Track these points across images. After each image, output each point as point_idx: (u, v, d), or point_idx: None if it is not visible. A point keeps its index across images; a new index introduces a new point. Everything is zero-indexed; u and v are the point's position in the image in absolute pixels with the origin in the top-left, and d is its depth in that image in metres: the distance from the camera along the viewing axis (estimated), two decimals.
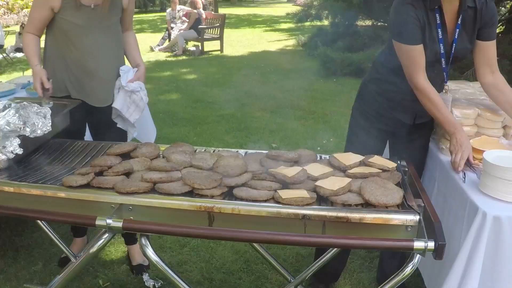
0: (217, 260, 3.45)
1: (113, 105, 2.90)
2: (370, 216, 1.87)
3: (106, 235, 1.99)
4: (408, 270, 1.90)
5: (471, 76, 6.84)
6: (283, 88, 8.69)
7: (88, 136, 3.15)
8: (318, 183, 2.02)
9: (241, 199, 1.94)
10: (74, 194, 2.01)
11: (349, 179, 2.04)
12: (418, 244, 1.76)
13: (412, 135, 2.78)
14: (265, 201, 1.94)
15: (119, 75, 2.90)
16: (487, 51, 2.50)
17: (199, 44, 12.22)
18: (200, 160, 2.24)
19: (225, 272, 3.32)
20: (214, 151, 2.51)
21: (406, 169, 2.32)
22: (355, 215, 1.87)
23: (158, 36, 14.26)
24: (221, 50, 12.44)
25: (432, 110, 2.46)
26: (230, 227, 1.90)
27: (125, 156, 2.40)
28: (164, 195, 1.97)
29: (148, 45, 12.94)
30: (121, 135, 3.05)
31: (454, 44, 2.47)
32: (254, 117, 6.98)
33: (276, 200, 1.94)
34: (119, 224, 1.85)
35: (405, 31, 2.39)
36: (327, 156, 2.43)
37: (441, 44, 2.44)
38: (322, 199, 1.98)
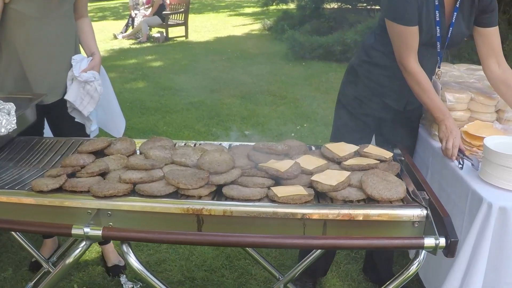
0: (197, 257, 3.25)
1: (65, 97, 2.64)
2: (375, 213, 1.71)
3: (84, 243, 1.76)
4: (414, 268, 1.76)
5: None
6: (252, 73, 8.48)
7: (47, 133, 2.88)
8: (314, 177, 1.84)
9: (232, 199, 1.75)
10: (46, 200, 1.77)
11: (347, 173, 1.87)
12: (429, 242, 1.61)
13: (401, 121, 2.64)
14: (259, 200, 1.75)
15: (71, 65, 2.65)
16: (490, 39, 2.36)
17: (164, 30, 11.82)
18: (183, 156, 2.02)
19: (206, 269, 3.13)
20: (195, 145, 2.30)
21: (402, 158, 2.17)
22: (358, 212, 1.71)
23: (121, 23, 13.73)
24: (186, 36, 12.07)
25: (421, 95, 2.33)
26: (222, 231, 1.71)
27: (99, 153, 2.16)
28: (146, 197, 1.75)
29: (111, 33, 12.42)
30: (83, 130, 2.81)
31: (451, 28, 2.32)
32: (224, 104, 6.75)
33: (271, 198, 1.75)
34: (98, 232, 1.62)
35: (402, 10, 2.23)
36: (313, 147, 2.26)
37: (437, 27, 2.29)
38: (320, 195, 1.81)
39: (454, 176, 2.20)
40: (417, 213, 1.72)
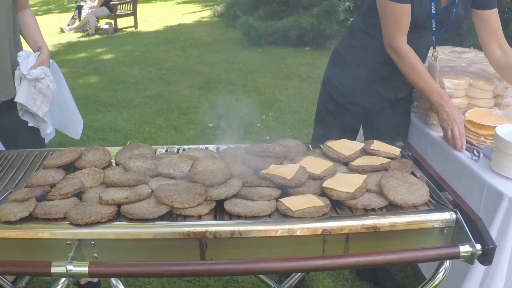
0: None
1: (16, 99, 2.27)
2: (401, 221, 1.50)
3: (64, 279, 1.45)
4: (440, 277, 1.59)
5: None
6: (207, 62, 8.12)
7: None
8: (327, 184, 1.60)
9: (238, 216, 1.48)
10: (14, 232, 1.45)
11: (363, 176, 1.65)
12: (464, 250, 1.43)
13: (391, 111, 2.45)
14: (269, 215, 1.49)
15: (18, 63, 2.27)
16: (490, 21, 2.17)
17: (112, 21, 11.16)
18: (170, 166, 1.73)
19: (189, 279, 2.85)
20: (178, 151, 2.00)
21: (410, 153, 1.97)
22: (384, 222, 1.49)
23: (67, 16, 12.86)
24: (136, 26, 11.48)
25: (415, 79, 2.13)
26: (228, 255, 1.45)
27: (69, 167, 1.83)
28: (135, 221, 1.46)
29: (58, 27, 11.58)
30: (36, 134, 2.44)
31: (451, 9, 2.13)
32: (183, 96, 6.40)
33: (282, 213, 1.50)
34: (83, 269, 1.32)
35: None
36: (308, 145, 2.03)
37: (432, 3, 2.09)
38: (336, 205, 1.58)
39: (462, 169, 2.03)
40: (446, 217, 1.52)
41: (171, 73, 7.45)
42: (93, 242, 1.42)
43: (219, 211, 1.53)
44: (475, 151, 2.00)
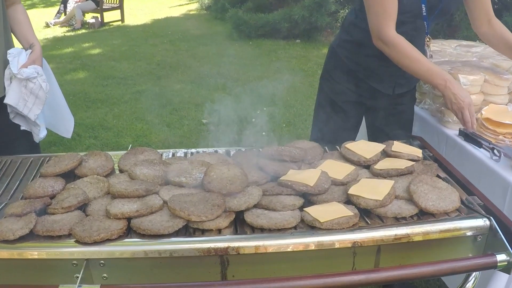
0: None
1: (5, 101, 2.09)
2: (435, 230, 1.39)
3: None
4: (470, 286, 1.48)
5: None
6: (197, 55, 7.94)
7: None
8: (353, 191, 1.48)
9: (262, 229, 1.35)
10: (14, 251, 1.29)
11: (390, 182, 1.52)
12: (502, 258, 1.32)
13: (393, 108, 2.32)
14: (294, 227, 1.37)
15: (8, 62, 2.10)
16: (481, 1, 2.11)
17: (98, 15, 10.87)
18: (180, 173, 1.59)
19: None
20: (186, 155, 1.86)
21: (430, 154, 1.86)
22: (418, 231, 1.37)
23: (53, 10, 12.49)
24: (122, 20, 11.20)
25: (411, 66, 1.99)
26: (252, 272, 1.32)
27: (68, 175, 1.67)
28: (148, 237, 1.31)
29: (43, 21, 11.23)
30: (28, 137, 2.27)
31: None
32: (175, 91, 6.22)
33: (309, 224, 1.37)
34: None
35: None
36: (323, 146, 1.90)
37: None
38: (364, 213, 1.46)
39: (482, 169, 1.92)
40: (479, 224, 1.42)
41: (161, 67, 7.26)
42: (102, 261, 1.28)
43: (238, 223, 1.40)
44: (495, 151, 1.89)
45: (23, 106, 2.11)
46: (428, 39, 2.17)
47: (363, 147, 1.77)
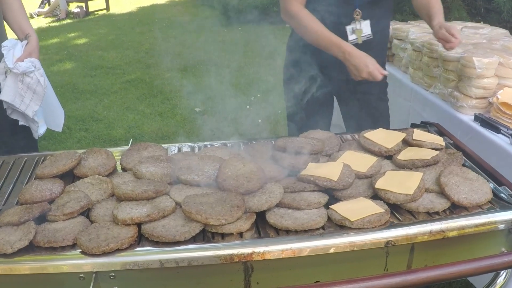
0: None
1: (0, 98, 1.93)
2: (471, 224, 1.28)
3: None
4: (501, 280, 1.38)
5: None
6: (186, 43, 7.70)
7: None
8: (380, 185, 1.36)
9: (287, 231, 1.22)
10: (14, 266, 1.15)
11: (419, 174, 1.40)
12: None
13: (365, 93, 2.14)
14: (322, 227, 1.24)
15: (1, 55, 1.93)
16: None
17: (83, 4, 10.51)
18: (191, 171, 1.44)
19: None
20: (193, 149, 1.72)
21: (451, 141, 1.74)
22: (453, 227, 1.27)
23: (36, 0, 12.08)
24: (107, 8, 10.86)
25: (310, 37, 1.93)
26: (278, 278, 1.20)
27: (66, 175, 1.53)
28: (162, 245, 1.18)
29: (27, 12, 10.86)
30: (31, 138, 2.12)
31: None
32: (165, 79, 6.02)
33: (338, 223, 1.25)
34: None
35: None
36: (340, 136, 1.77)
37: None
38: (393, 209, 1.34)
39: (501, 155, 1.83)
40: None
41: (150, 56, 7.04)
42: (112, 274, 1.15)
43: (262, 226, 1.27)
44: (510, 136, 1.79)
45: (20, 102, 1.95)
46: (357, 13, 1.99)
47: (383, 136, 1.65)
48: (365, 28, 1.97)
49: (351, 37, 1.97)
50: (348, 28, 1.96)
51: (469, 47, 2.22)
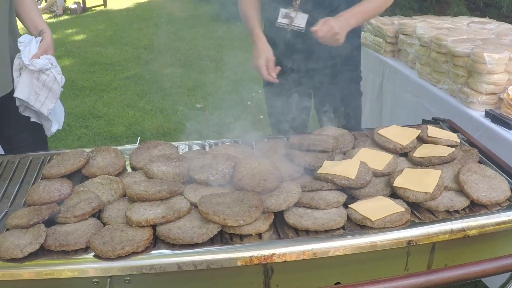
0: None
1: (15, 95, 1.88)
2: (491, 222, 1.25)
3: None
4: None
5: None
6: (185, 38, 7.64)
7: None
8: (398, 183, 1.32)
9: (307, 231, 1.18)
10: (24, 271, 1.10)
11: (437, 172, 1.37)
12: None
13: (334, 81, 2.03)
14: (342, 227, 1.21)
15: (17, 51, 1.87)
16: None
17: (80, 0, 10.43)
18: (205, 170, 1.40)
19: None
20: (204, 146, 1.68)
21: (464, 138, 1.70)
22: (473, 225, 1.23)
23: None
24: (105, 4, 10.75)
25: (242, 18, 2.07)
26: (297, 280, 1.16)
27: (74, 175, 1.48)
28: (179, 248, 1.14)
29: None
30: (41, 135, 2.07)
31: None
32: (165, 75, 5.96)
33: (358, 222, 1.21)
34: None
35: None
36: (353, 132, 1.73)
37: None
38: (412, 207, 1.30)
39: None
40: None
41: (148, 52, 6.96)
42: (128, 278, 1.11)
43: (280, 226, 1.23)
44: None
45: (34, 100, 1.89)
46: (296, 2, 1.91)
47: (397, 132, 1.61)
48: (300, 19, 1.90)
49: (281, 20, 1.92)
50: (282, 11, 1.91)
51: (478, 42, 2.18)
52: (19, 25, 2.01)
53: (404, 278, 1.08)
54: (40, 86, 1.86)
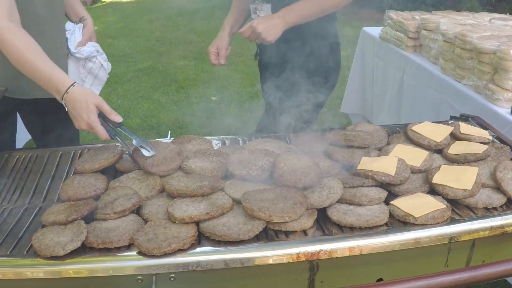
0: None
1: None
2: None
3: None
4: None
5: None
6: (197, 31, 7.60)
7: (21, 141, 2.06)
8: (437, 180, 1.31)
9: (351, 228, 1.18)
10: (67, 269, 1.08)
11: (474, 169, 1.36)
12: None
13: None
14: (386, 224, 1.20)
15: (62, 39, 1.82)
16: None
17: None
18: (243, 165, 1.39)
19: None
20: (238, 141, 1.67)
21: (494, 135, 1.69)
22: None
23: None
24: None
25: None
26: (343, 276, 1.16)
27: (107, 170, 1.46)
28: (224, 245, 1.13)
29: None
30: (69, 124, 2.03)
31: None
32: (178, 67, 5.94)
33: (401, 219, 1.20)
34: None
35: None
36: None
37: None
38: (451, 204, 1.29)
39: None
40: None
41: (161, 44, 6.94)
42: (173, 275, 1.10)
43: (324, 222, 1.22)
44: None
45: None
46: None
47: (431, 129, 1.60)
48: (265, 10, 1.86)
49: (252, 16, 1.89)
50: (251, 7, 1.89)
51: (503, 39, 2.16)
52: None
53: (445, 275, 1.07)
54: (85, 74, 1.83)
